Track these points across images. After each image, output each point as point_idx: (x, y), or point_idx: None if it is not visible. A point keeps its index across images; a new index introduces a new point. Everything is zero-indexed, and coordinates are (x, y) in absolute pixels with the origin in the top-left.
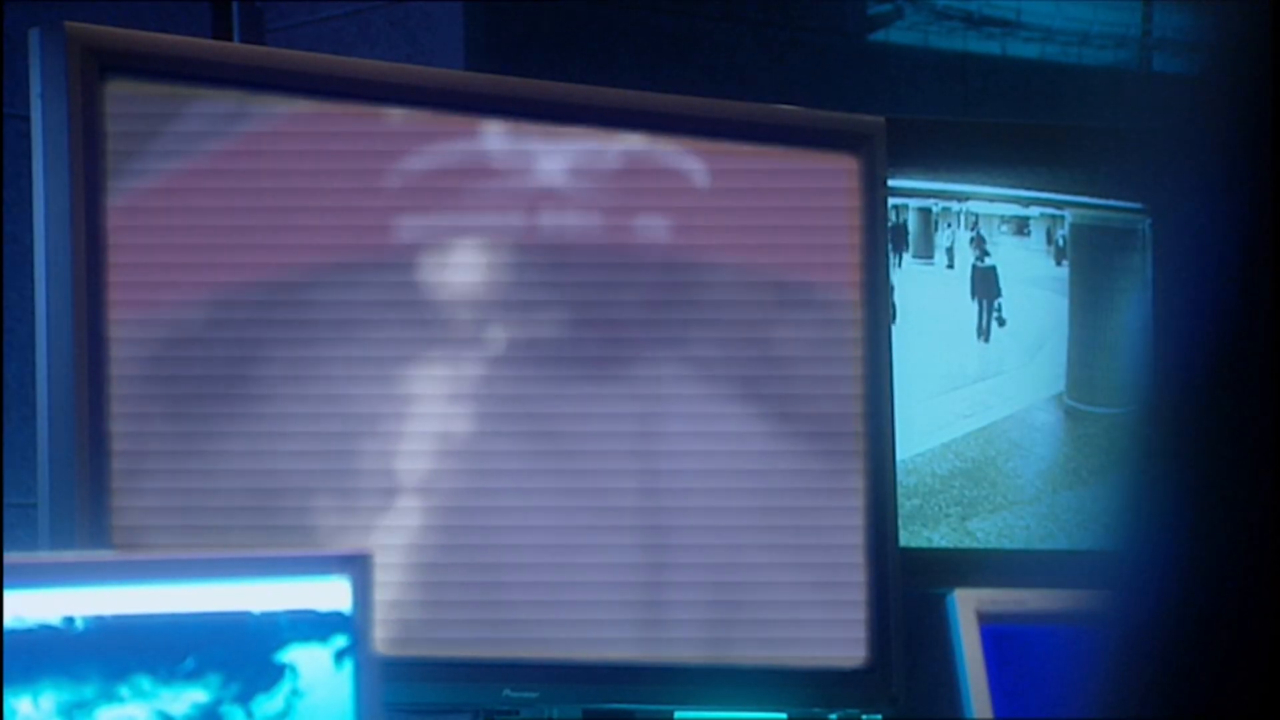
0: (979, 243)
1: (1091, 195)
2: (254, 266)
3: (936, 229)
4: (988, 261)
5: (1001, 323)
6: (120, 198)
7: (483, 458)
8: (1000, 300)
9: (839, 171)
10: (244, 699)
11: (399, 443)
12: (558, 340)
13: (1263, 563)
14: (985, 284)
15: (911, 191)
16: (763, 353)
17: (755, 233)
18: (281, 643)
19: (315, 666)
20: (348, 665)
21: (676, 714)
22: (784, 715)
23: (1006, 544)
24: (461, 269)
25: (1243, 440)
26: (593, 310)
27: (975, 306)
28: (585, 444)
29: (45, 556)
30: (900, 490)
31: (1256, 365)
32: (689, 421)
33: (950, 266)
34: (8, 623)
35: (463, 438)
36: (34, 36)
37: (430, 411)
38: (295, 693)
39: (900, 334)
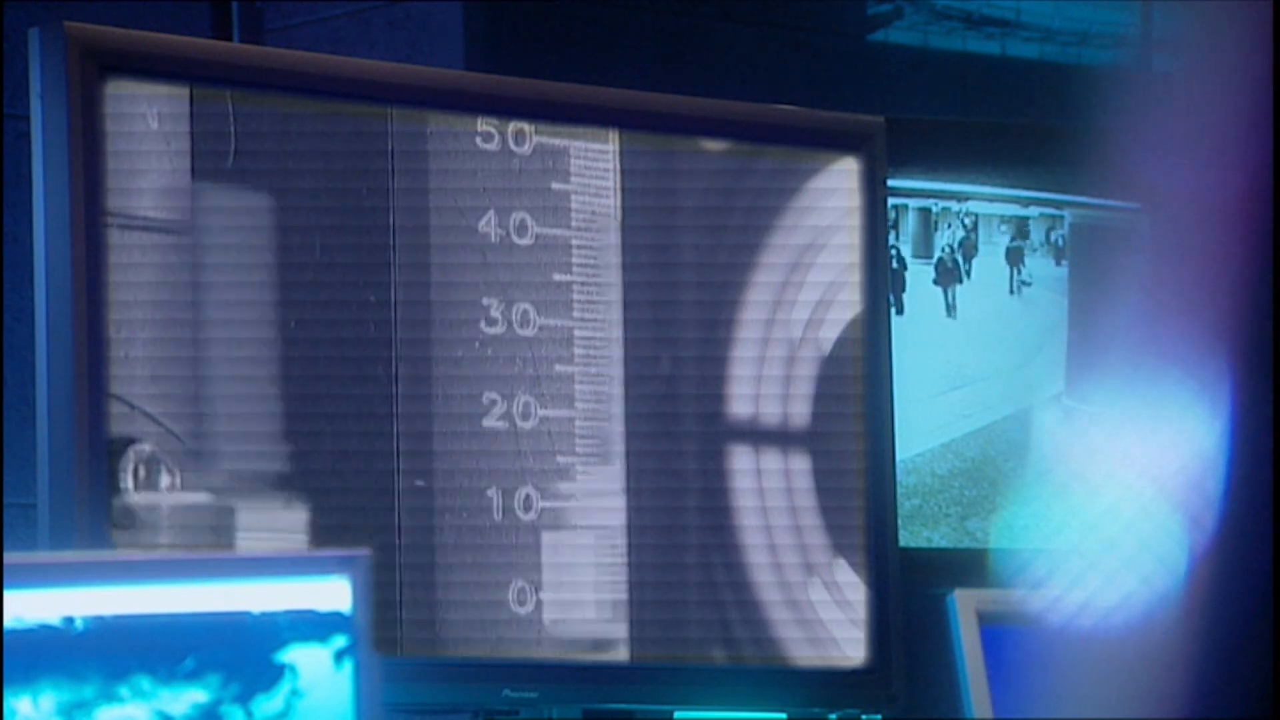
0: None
1: (1091, 195)
2: (253, 266)
3: (936, 229)
4: (1017, 242)
5: (1028, 283)
6: (120, 197)
7: (482, 458)
8: (1023, 267)
9: (839, 171)
10: (244, 699)
11: (403, 442)
12: (561, 327)
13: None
14: (1016, 256)
15: (911, 191)
16: (762, 352)
17: (755, 232)
18: (281, 643)
19: (315, 666)
20: (348, 665)
21: (676, 714)
22: (784, 715)
23: (1006, 544)
24: (465, 269)
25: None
26: (596, 310)
27: (1008, 269)
28: (583, 443)
29: (45, 556)
30: (900, 490)
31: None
32: (687, 421)
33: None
34: (8, 623)
35: (460, 432)
36: (34, 36)
37: (430, 411)
38: (295, 693)
39: (900, 334)
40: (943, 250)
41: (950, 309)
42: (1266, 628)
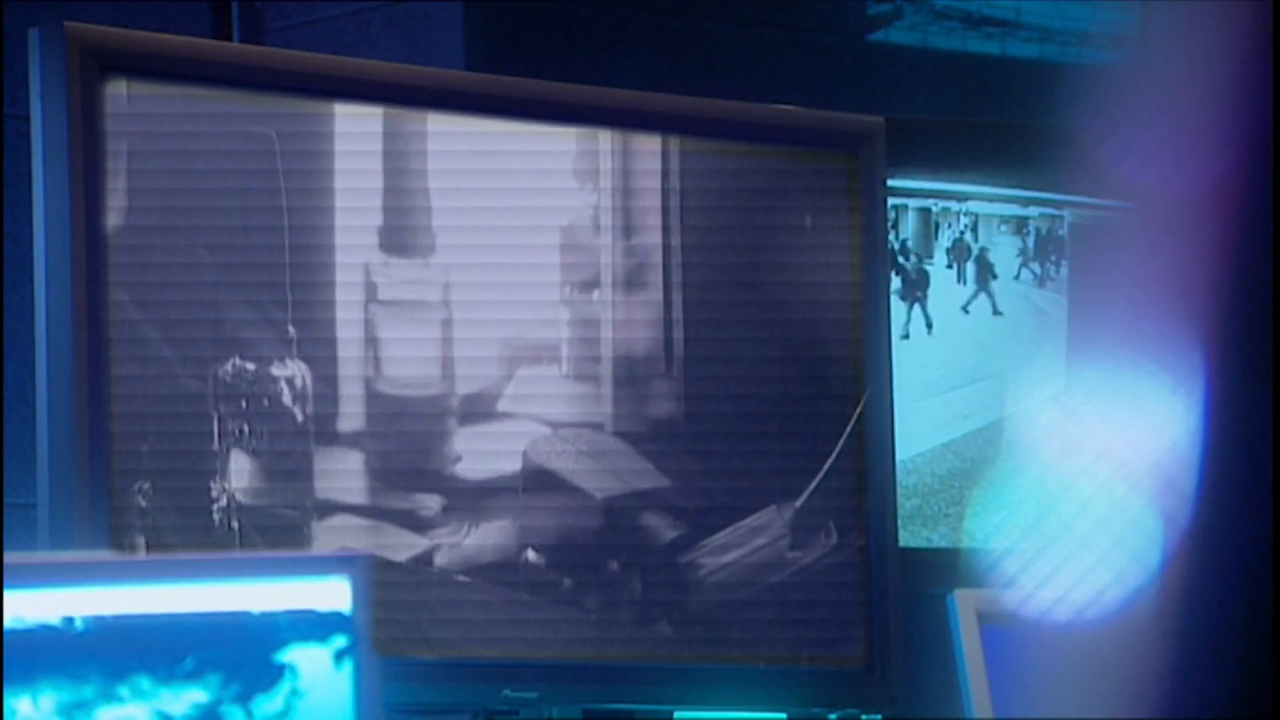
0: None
1: (1092, 195)
2: (253, 266)
3: (936, 229)
4: (1044, 240)
5: (1053, 279)
6: (120, 197)
7: (484, 457)
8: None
9: (839, 172)
10: (244, 699)
11: (404, 441)
12: (558, 338)
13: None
14: (1044, 253)
15: (911, 191)
16: (762, 352)
17: (755, 233)
18: (281, 643)
19: (315, 666)
20: (347, 665)
21: (676, 714)
22: (784, 715)
23: (1006, 544)
24: (469, 269)
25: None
26: (591, 310)
27: (1039, 266)
28: (585, 443)
29: (45, 556)
30: (900, 490)
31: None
32: (684, 420)
33: (950, 266)
34: (8, 623)
35: (463, 432)
36: (34, 36)
37: (438, 410)
38: (295, 693)
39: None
40: (909, 261)
41: (927, 323)
42: (1267, 625)
